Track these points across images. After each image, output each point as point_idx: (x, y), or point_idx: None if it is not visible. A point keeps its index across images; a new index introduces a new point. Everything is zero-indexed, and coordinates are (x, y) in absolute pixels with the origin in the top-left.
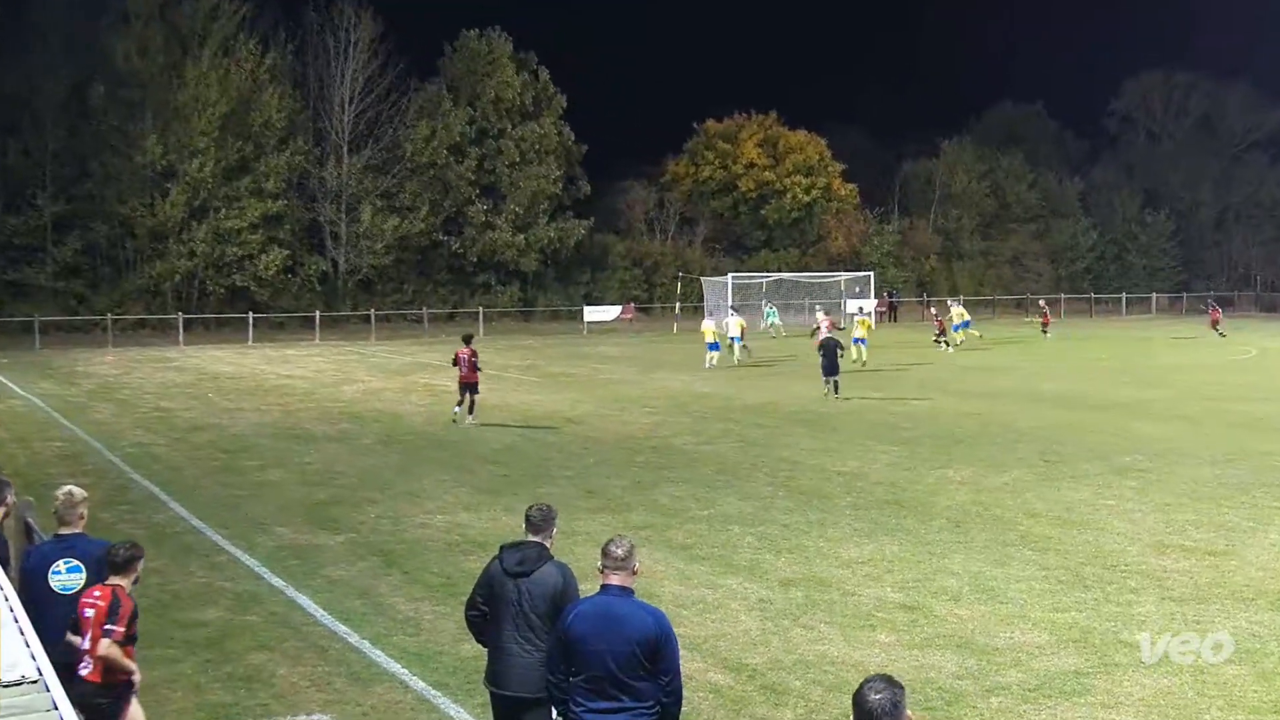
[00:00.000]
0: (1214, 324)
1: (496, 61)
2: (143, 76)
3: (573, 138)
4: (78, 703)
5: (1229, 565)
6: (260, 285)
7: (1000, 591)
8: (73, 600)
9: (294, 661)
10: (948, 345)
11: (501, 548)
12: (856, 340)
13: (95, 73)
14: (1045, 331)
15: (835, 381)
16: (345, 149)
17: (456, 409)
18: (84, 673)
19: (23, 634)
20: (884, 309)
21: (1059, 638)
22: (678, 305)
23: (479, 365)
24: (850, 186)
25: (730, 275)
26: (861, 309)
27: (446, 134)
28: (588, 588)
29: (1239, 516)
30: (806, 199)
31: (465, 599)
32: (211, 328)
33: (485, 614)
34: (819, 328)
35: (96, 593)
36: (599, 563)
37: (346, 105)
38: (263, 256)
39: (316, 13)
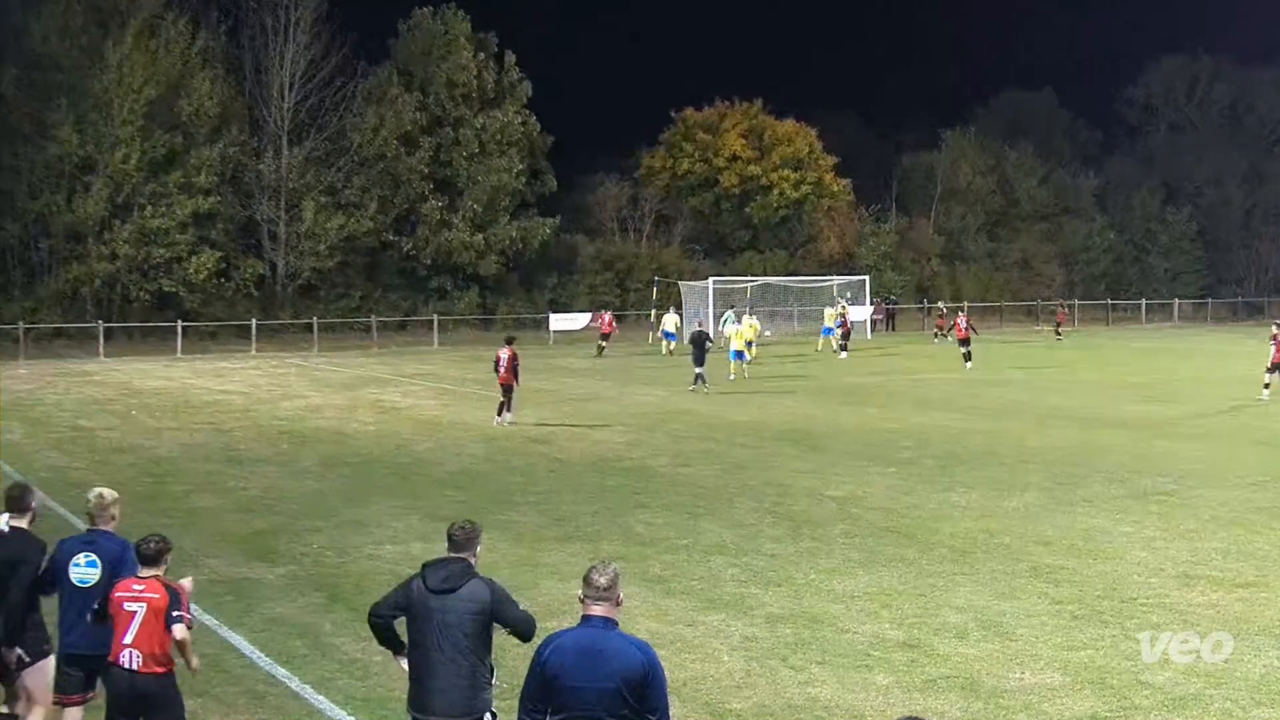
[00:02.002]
0: (1058, 325)
1: (453, 43)
2: (60, 59)
3: (538, 128)
4: (124, 694)
5: (1261, 598)
6: (190, 291)
7: (1009, 628)
8: (88, 594)
9: (227, 709)
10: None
11: (424, 566)
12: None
13: (5, 55)
14: (941, 335)
15: (701, 374)
16: (285, 140)
17: (505, 416)
18: (135, 665)
19: None
20: (880, 316)
21: (1074, 678)
22: (653, 312)
23: (518, 367)
24: (843, 182)
25: (711, 279)
26: (750, 316)
27: (397, 123)
28: (552, 625)
29: (1271, 544)
30: (795, 195)
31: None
32: (136, 338)
33: (391, 623)
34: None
35: (138, 587)
36: (579, 592)
37: (286, 92)
38: (193, 259)
39: None
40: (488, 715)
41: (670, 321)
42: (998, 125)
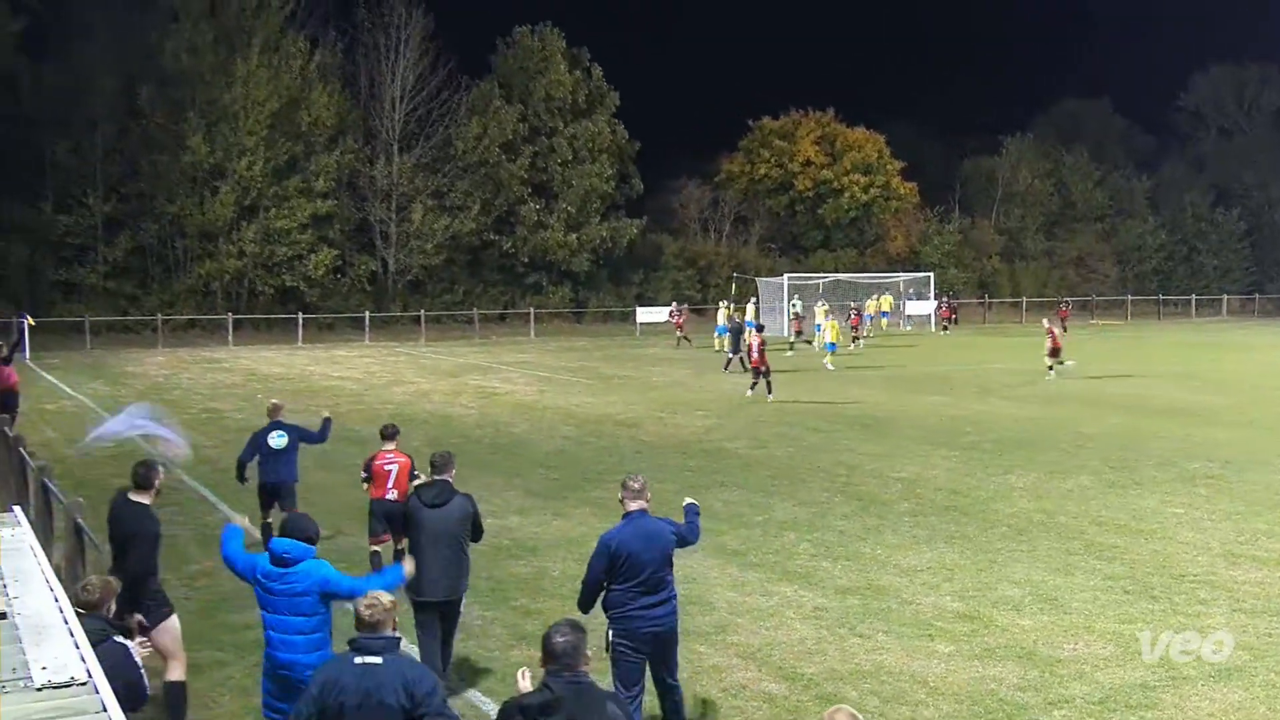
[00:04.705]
0: (1062, 320)
1: (549, 58)
2: (191, 75)
3: (626, 135)
4: (388, 514)
5: None
6: (310, 285)
7: (1064, 601)
8: (278, 452)
9: None
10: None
11: (417, 487)
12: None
13: (144, 71)
14: (945, 328)
15: (732, 359)
16: (396, 148)
17: (769, 395)
18: (393, 498)
19: (73, 636)
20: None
21: (1125, 649)
22: (731, 306)
23: (762, 351)
24: (910, 185)
25: (786, 276)
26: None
27: (498, 132)
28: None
29: None
30: (865, 198)
31: (514, 604)
32: (261, 328)
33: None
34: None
35: (389, 455)
36: (620, 495)
37: (397, 103)
38: (312, 256)
39: (367, 10)
40: (465, 596)
41: (751, 315)
42: (1056, 131)
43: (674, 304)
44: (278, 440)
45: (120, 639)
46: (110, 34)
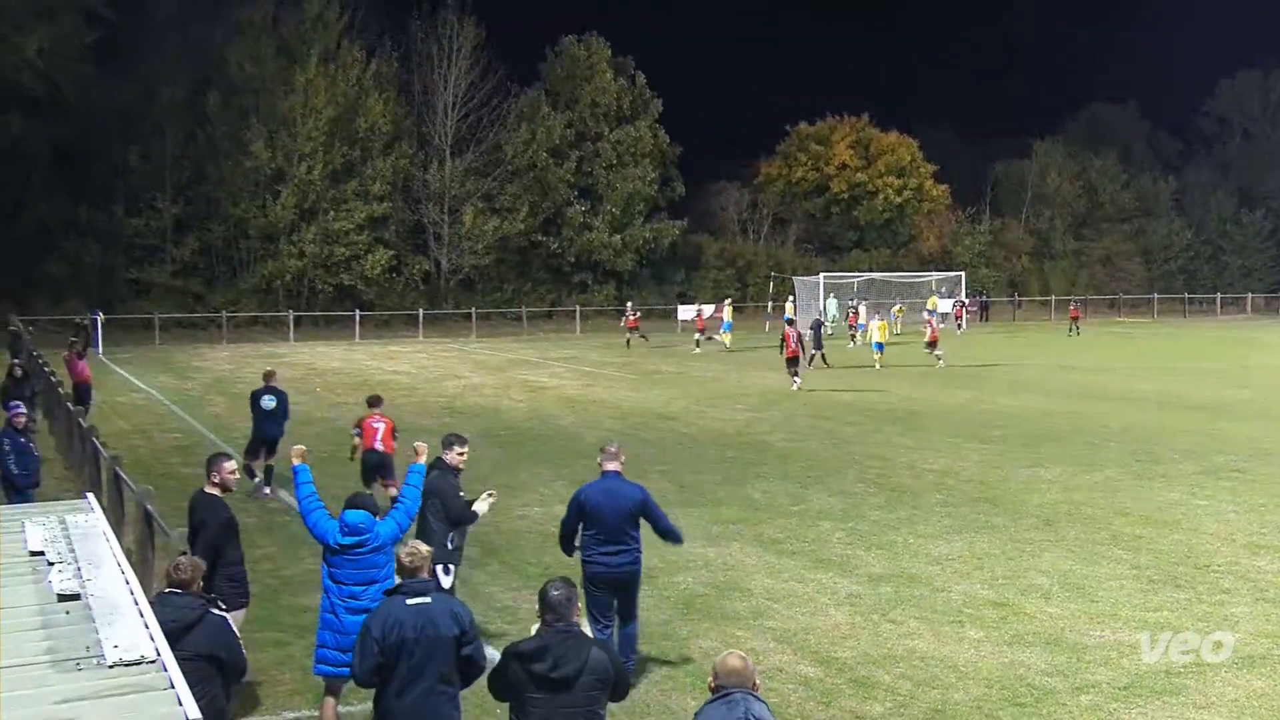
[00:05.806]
0: (1074, 320)
1: (595, 67)
2: (254, 84)
3: (668, 140)
4: (373, 462)
5: None
6: (366, 284)
7: (1091, 590)
8: (270, 412)
9: None
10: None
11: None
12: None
13: (210, 80)
14: (959, 326)
15: (820, 354)
16: (448, 152)
17: (796, 381)
18: (381, 449)
19: (143, 617)
20: (975, 309)
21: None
22: (769, 304)
23: (799, 343)
24: (942, 187)
25: (822, 275)
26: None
27: (546, 137)
28: (679, 579)
29: None
30: (898, 200)
31: None
32: (320, 325)
33: None
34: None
35: (377, 416)
36: (598, 459)
37: (449, 110)
38: (369, 257)
39: (420, 21)
40: (452, 566)
41: (790, 311)
42: (1084, 135)
43: (630, 304)
44: (268, 403)
45: (217, 611)
46: (178, 46)
